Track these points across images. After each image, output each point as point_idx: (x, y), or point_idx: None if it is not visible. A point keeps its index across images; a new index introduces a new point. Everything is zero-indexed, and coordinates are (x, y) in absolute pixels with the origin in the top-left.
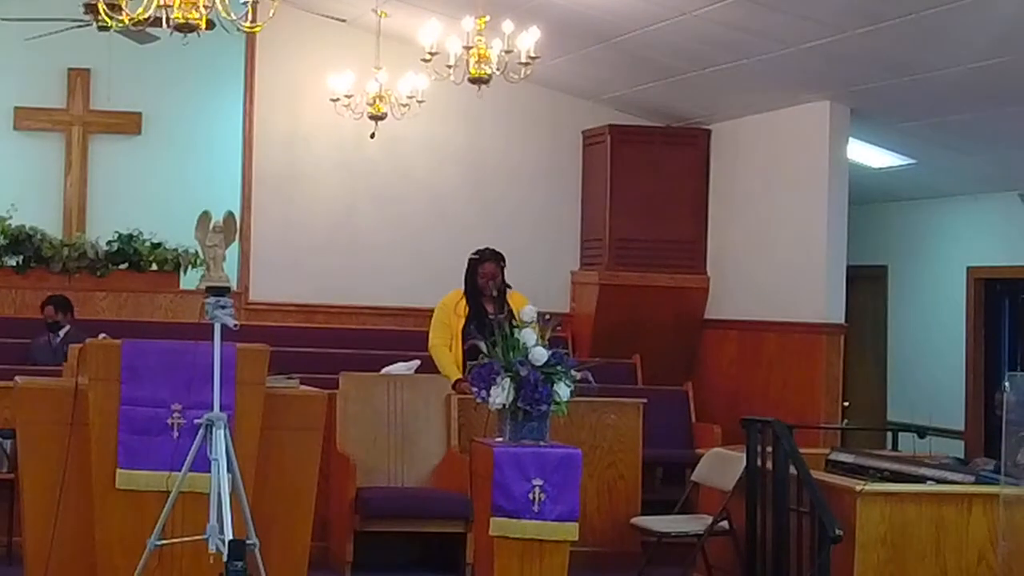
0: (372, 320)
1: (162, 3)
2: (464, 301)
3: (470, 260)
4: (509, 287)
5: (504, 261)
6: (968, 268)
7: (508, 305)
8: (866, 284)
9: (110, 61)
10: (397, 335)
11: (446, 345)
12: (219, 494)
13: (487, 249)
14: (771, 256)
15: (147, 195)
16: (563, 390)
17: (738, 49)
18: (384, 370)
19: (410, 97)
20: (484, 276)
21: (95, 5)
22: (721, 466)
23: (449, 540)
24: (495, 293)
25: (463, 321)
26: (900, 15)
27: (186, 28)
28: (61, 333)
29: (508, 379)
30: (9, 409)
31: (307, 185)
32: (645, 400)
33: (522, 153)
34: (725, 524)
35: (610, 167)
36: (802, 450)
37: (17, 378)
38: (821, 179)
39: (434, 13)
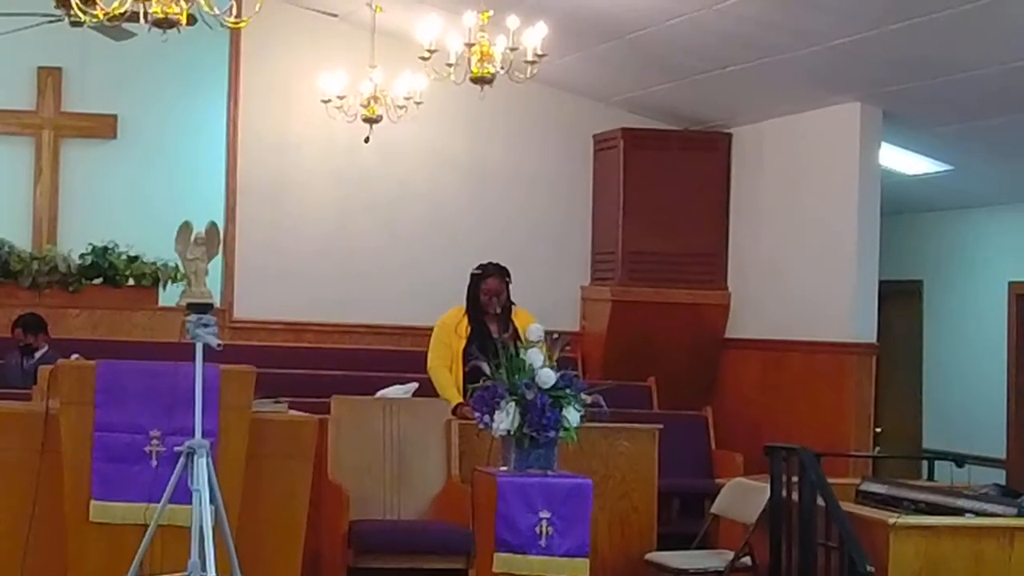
0: (366, 339)
1: None
2: (465, 320)
3: (472, 276)
4: (514, 304)
5: (509, 277)
6: (1010, 283)
7: (513, 324)
8: (899, 301)
9: (83, 60)
10: (393, 355)
11: (446, 366)
12: (201, 527)
13: (491, 264)
14: (797, 270)
15: (123, 204)
16: (572, 415)
17: (761, 47)
18: (379, 393)
19: (407, 98)
20: (487, 293)
21: None
22: (743, 497)
23: None
24: (499, 311)
25: (464, 342)
26: (936, 10)
27: (165, 24)
28: (37, 355)
29: (513, 403)
30: None
31: (296, 194)
32: (661, 426)
33: (528, 159)
34: (747, 560)
35: (623, 174)
36: (830, 480)
37: None
38: (851, 187)
39: (433, 8)
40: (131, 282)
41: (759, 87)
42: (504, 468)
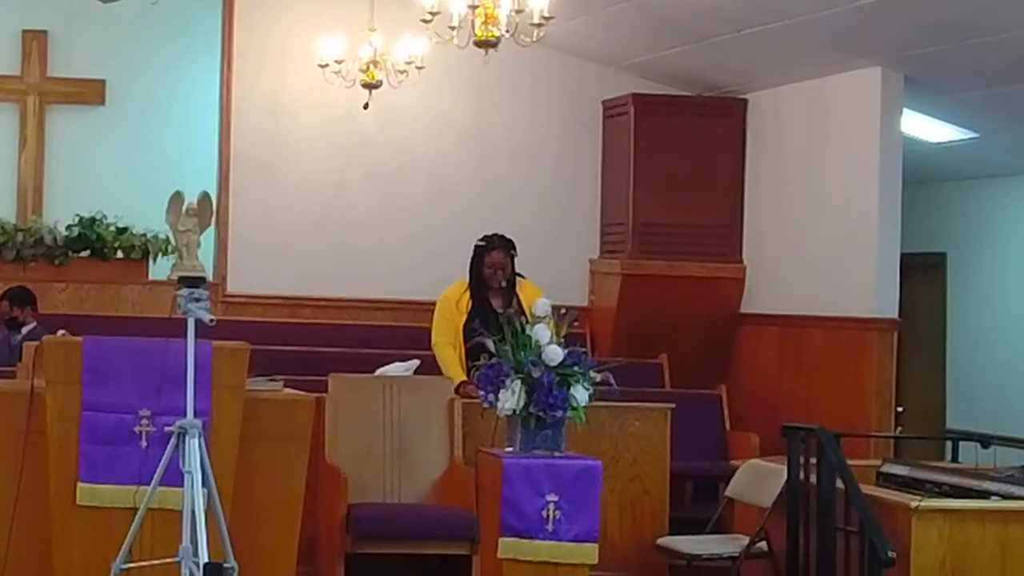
0: (365, 315)
1: None
2: (467, 295)
3: (476, 248)
4: (523, 277)
5: (514, 249)
6: None
7: (518, 298)
8: (922, 274)
9: (70, 22)
10: (393, 331)
11: (450, 343)
12: (193, 511)
13: (495, 236)
14: (815, 243)
15: (112, 173)
16: (581, 394)
17: (778, 9)
18: (379, 371)
19: (408, 63)
20: (491, 266)
21: None
22: (759, 480)
23: (452, 563)
24: (503, 285)
25: (465, 317)
26: None
27: None
28: (24, 331)
29: (519, 381)
30: None
31: (292, 162)
32: (673, 405)
33: (534, 126)
34: (763, 545)
35: (633, 142)
36: (850, 461)
37: None
38: (871, 155)
39: None
40: (120, 255)
41: (776, 51)
42: (509, 449)
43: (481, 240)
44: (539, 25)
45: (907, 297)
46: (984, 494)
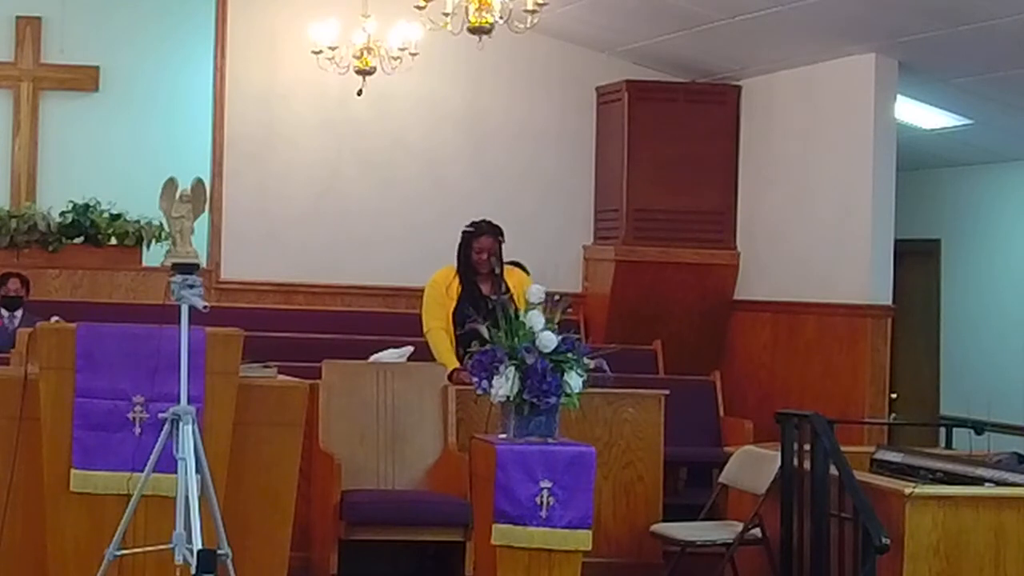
0: (359, 301)
1: None
2: (456, 280)
3: (463, 233)
4: (522, 267)
5: (502, 235)
6: None
7: (506, 284)
8: (917, 260)
9: (64, 9)
10: (387, 318)
11: (443, 328)
12: (187, 498)
13: (483, 221)
14: (809, 229)
15: (105, 160)
16: (574, 380)
17: None
18: (372, 357)
19: (402, 49)
20: (480, 251)
21: None
22: (753, 466)
23: (446, 550)
24: (497, 271)
25: (455, 303)
26: None
27: None
28: (17, 314)
29: (512, 368)
30: None
31: (286, 149)
32: (667, 391)
33: (528, 113)
34: (757, 532)
35: (627, 128)
36: (844, 448)
37: None
38: (866, 142)
39: None
40: (113, 241)
41: (770, 37)
42: (503, 436)
43: (469, 226)
44: (533, 12)
45: (901, 283)
46: (978, 480)
